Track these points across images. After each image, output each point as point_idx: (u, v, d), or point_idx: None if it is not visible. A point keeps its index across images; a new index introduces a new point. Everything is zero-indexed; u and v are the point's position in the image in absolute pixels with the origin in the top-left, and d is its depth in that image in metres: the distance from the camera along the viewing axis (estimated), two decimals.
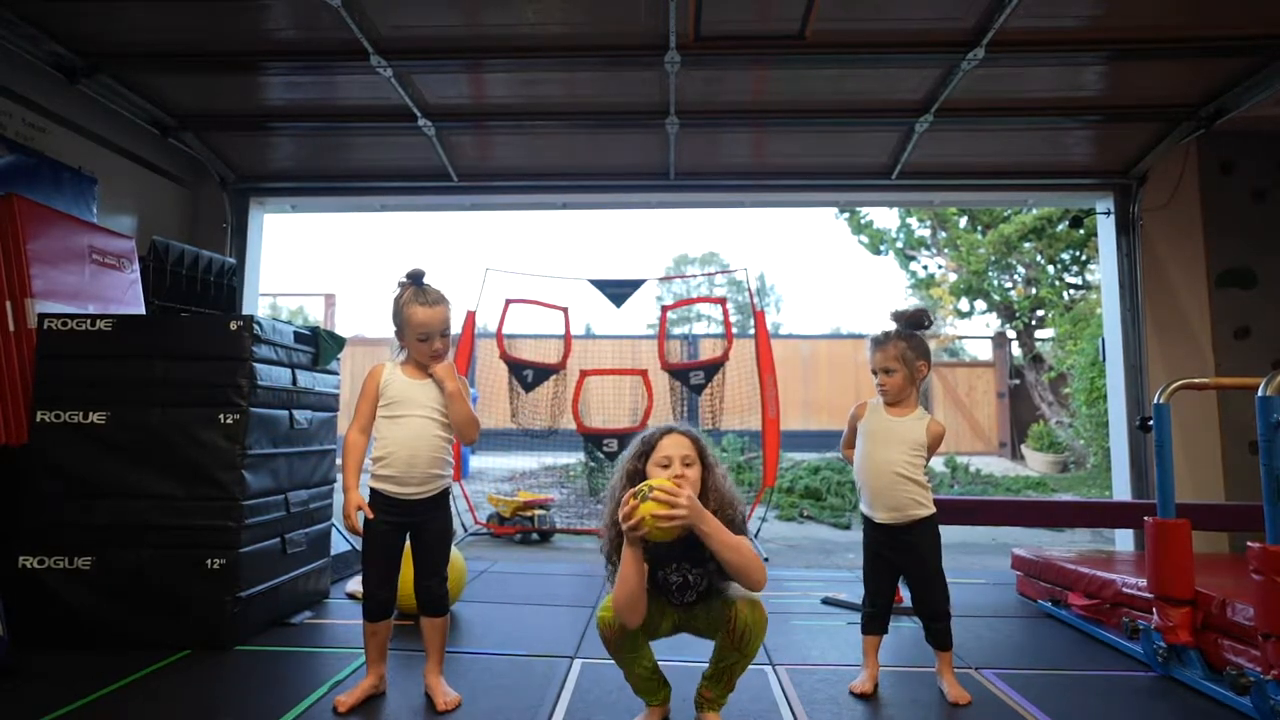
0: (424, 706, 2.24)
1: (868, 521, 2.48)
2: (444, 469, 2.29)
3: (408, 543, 2.31)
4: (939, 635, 2.43)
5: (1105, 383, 4.99)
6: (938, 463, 9.65)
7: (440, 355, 2.27)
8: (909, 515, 2.39)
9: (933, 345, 14.43)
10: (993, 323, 12.72)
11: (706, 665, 2.08)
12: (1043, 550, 3.76)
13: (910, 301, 14.11)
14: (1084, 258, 10.84)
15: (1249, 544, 2.18)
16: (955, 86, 3.78)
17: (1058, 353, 10.94)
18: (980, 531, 5.89)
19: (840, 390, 12.66)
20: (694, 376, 5.52)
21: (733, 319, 6.32)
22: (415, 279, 2.29)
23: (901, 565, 2.47)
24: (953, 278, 12.07)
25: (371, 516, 2.21)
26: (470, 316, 5.66)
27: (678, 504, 1.74)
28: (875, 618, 2.49)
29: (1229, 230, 4.60)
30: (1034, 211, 10.26)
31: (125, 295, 3.47)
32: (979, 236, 11.49)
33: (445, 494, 2.33)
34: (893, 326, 2.48)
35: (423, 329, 2.24)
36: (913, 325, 2.46)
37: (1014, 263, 11.36)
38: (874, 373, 2.47)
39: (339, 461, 2.62)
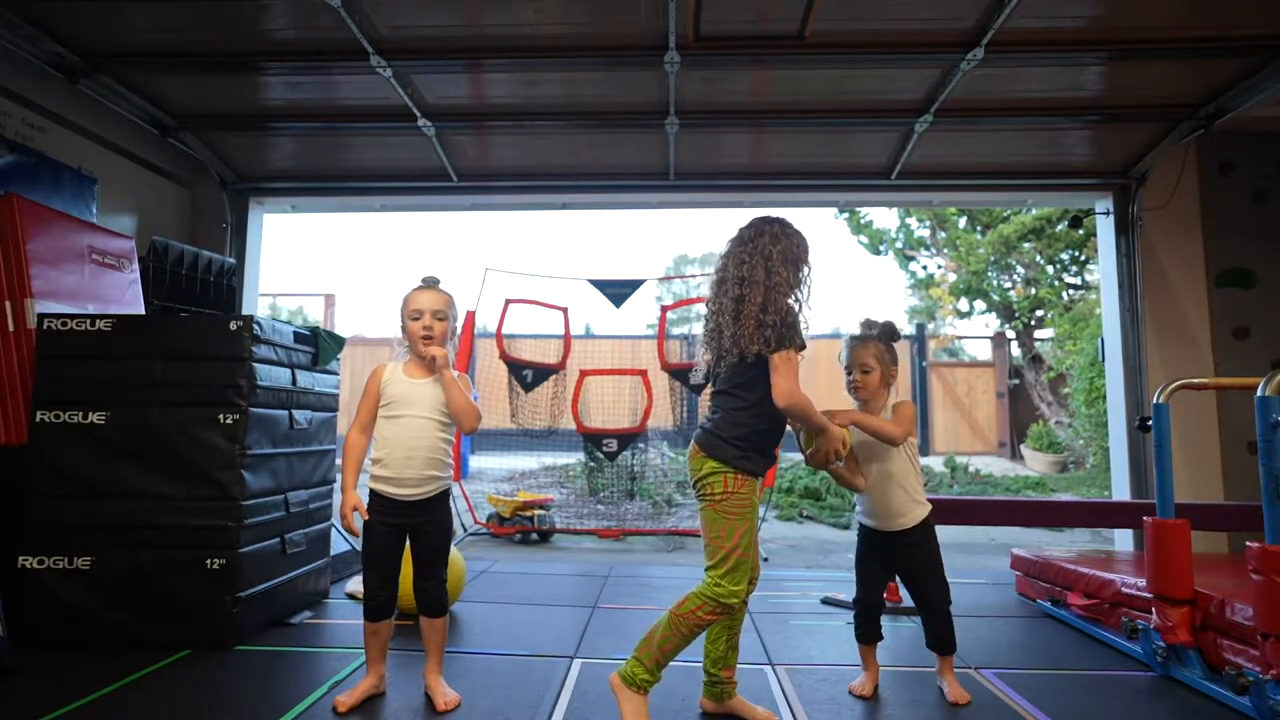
0: (424, 706, 2.24)
1: (866, 529, 2.47)
2: (443, 470, 2.29)
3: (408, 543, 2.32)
4: (941, 639, 2.41)
5: (1104, 383, 4.99)
6: (937, 462, 9.66)
7: (435, 337, 2.28)
8: (913, 518, 2.38)
9: (932, 345, 14.31)
10: (992, 323, 12.72)
11: (714, 651, 2.19)
12: (1042, 550, 3.76)
13: (910, 302, 14.13)
14: (1083, 258, 10.85)
15: (1248, 544, 2.19)
16: (955, 87, 3.78)
17: (1057, 353, 10.94)
18: (980, 531, 5.90)
19: (840, 390, 12.59)
20: (694, 376, 5.52)
21: None
22: (427, 282, 2.37)
23: (902, 568, 2.46)
24: (952, 278, 12.08)
25: (367, 518, 2.22)
26: (470, 316, 5.66)
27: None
28: (869, 625, 2.46)
29: (1229, 230, 4.60)
30: (1033, 212, 10.26)
31: (125, 295, 3.47)
32: (978, 236, 11.50)
33: (445, 495, 2.33)
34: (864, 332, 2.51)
35: (415, 306, 2.29)
36: (886, 336, 2.49)
37: (1013, 263, 11.36)
38: (848, 370, 2.49)
39: (339, 461, 2.62)
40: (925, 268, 12.79)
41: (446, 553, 2.37)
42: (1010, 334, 12.38)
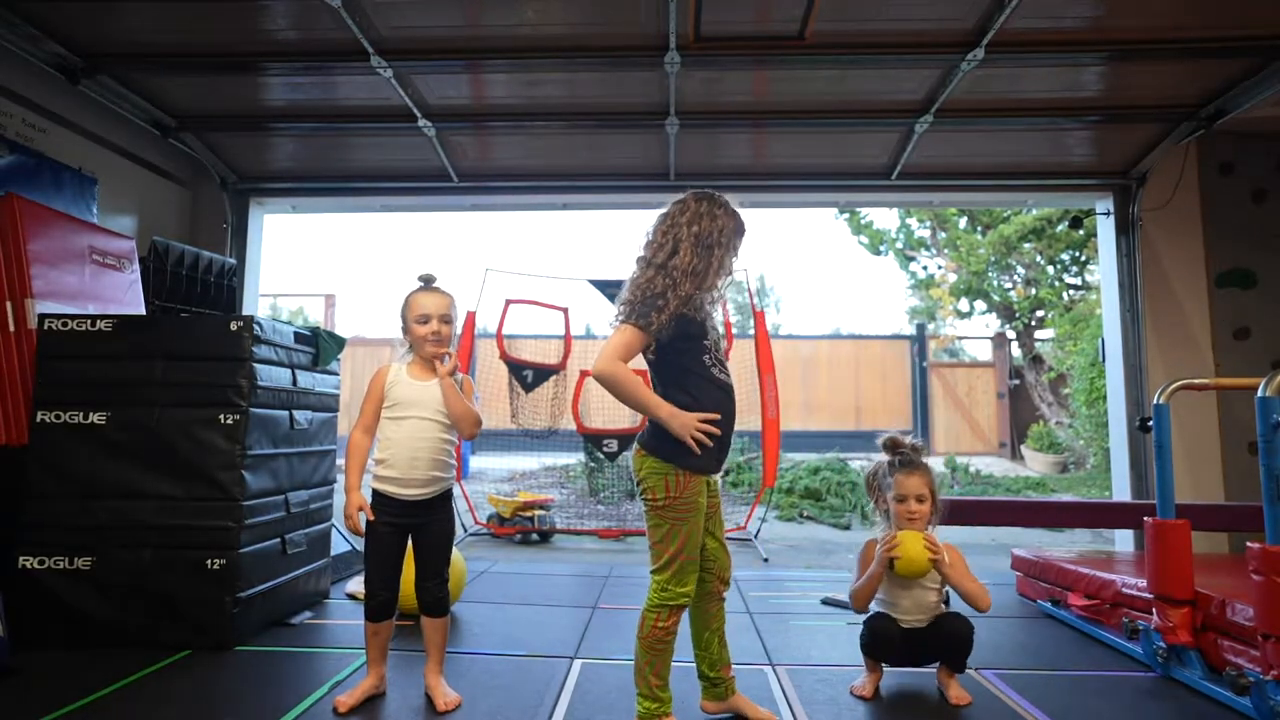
0: (424, 706, 2.24)
1: (889, 620, 2.41)
2: (447, 471, 2.29)
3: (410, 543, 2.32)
4: (961, 663, 2.40)
5: (1105, 383, 4.99)
6: (937, 463, 9.66)
7: (442, 340, 2.28)
8: (941, 612, 2.41)
9: (932, 346, 14.26)
10: (992, 323, 12.73)
11: (708, 655, 2.16)
12: (1042, 550, 3.76)
13: (910, 302, 14.13)
14: (1084, 258, 10.85)
15: (1249, 544, 2.18)
16: (955, 87, 3.78)
17: (1057, 353, 10.94)
18: (980, 531, 5.89)
19: (840, 390, 12.65)
20: None
21: (732, 319, 6.33)
22: (423, 281, 2.36)
23: (930, 640, 2.41)
24: (953, 278, 12.08)
25: (372, 518, 2.22)
26: (470, 317, 5.66)
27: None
28: (879, 648, 2.44)
29: (1229, 230, 4.60)
30: (1034, 212, 10.26)
31: (125, 295, 3.47)
32: (979, 237, 11.50)
33: (447, 495, 2.34)
34: (887, 456, 2.49)
35: (422, 311, 2.28)
36: (892, 448, 2.48)
37: (1014, 263, 11.36)
38: (899, 499, 2.39)
39: (340, 462, 2.62)
40: (925, 268, 12.80)
41: (449, 552, 2.37)
42: (1010, 334, 12.38)
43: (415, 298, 2.31)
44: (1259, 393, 2.21)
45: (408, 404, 2.26)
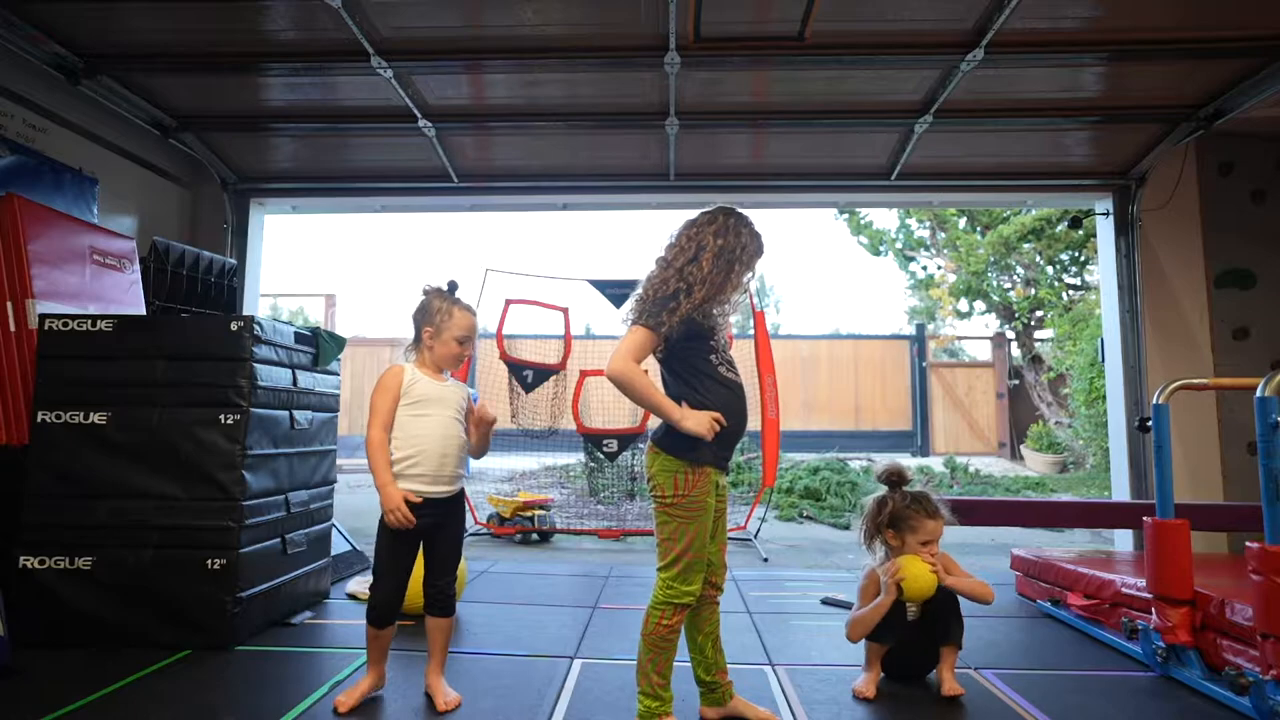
0: (424, 706, 2.24)
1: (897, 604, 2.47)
2: (466, 468, 2.34)
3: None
4: (957, 634, 2.44)
5: (1104, 383, 4.99)
6: (937, 463, 9.65)
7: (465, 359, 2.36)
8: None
9: (932, 346, 14.26)
10: (992, 323, 12.72)
11: (703, 659, 2.17)
12: (1042, 550, 3.77)
13: (910, 302, 14.12)
14: (1083, 258, 10.85)
15: (1248, 544, 2.19)
16: (955, 87, 3.78)
17: (1057, 353, 10.94)
18: (980, 532, 5.89)
19: (840, 390, 12.65)
20: None
21: (732, 320, 6.31)
22: (452, 288, 2.36)
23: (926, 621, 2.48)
24: (952, 278, 12.08)
25: (418, 501, 2.19)
26: None
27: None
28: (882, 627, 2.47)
29: (1228, 230, 4.60)
30: (1033, 212, 10.26)
31: (126, 296, 3.47)
32: (978, 237, 11.49)
33: (463, 492, 2.37)
34: (890, 489, 2.56)
35: (465, 331, 2.30)
36: (895, 480, 2.56)
37: (1013, 263, 11.36)
38: (925, 542, 2.47)
39: (340, 462, 2.61)
40: (925, 268, 12.80)
41: (461, 549, 2.38)
42: (1010, 334, 12.38)
43: (460, 315, 2.30)
44: (1258, 393, 2.21)
45: (432, 401, 2.27)
